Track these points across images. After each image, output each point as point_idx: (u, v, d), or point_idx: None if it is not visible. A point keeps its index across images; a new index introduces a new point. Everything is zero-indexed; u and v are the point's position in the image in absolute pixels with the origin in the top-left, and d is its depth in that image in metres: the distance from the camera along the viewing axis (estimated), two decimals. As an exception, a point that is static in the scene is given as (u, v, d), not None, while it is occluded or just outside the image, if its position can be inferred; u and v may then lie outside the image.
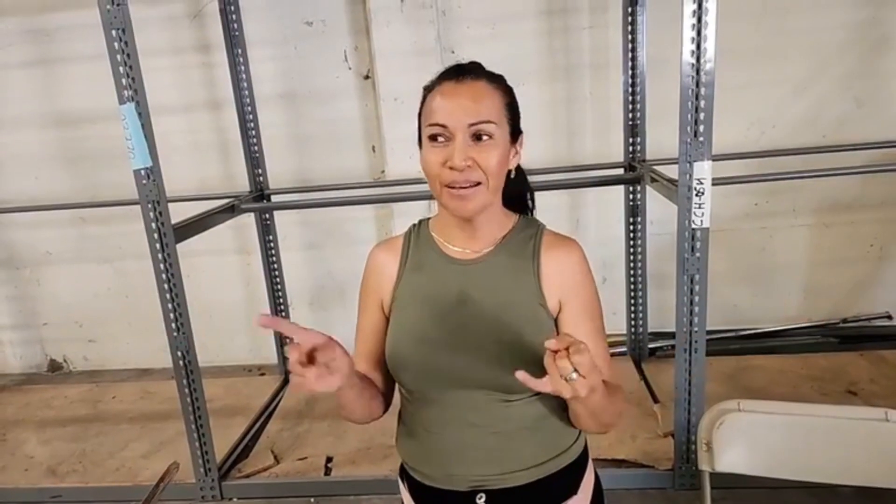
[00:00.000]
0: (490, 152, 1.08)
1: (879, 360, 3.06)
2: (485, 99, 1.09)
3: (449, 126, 1.07)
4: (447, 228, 1.21)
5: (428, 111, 1.11)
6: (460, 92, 1.08)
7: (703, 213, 2.01)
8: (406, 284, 1.20)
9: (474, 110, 1.07)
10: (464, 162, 1.06)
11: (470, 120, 1.07)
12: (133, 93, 2.10)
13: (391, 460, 2.60)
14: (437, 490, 1.18)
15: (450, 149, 1.07)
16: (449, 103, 1.08)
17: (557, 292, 1.16)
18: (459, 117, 1.07)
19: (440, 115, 1.08)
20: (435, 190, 1.13)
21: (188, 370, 2.39)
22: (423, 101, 1.14)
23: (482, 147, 1.08)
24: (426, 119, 1.11)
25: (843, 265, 3.35)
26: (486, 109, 1.08)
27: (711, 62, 1.90)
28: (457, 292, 1.16)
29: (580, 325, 1.15)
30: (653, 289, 3.23)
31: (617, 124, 3.08)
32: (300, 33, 3.26)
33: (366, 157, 3.40)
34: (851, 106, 3.12)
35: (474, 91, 1.09)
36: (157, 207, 2.21)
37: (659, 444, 2.53)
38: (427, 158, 1.10)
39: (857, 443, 1.32)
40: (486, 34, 3.15)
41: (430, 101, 1.11)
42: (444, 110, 1.08)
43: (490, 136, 1.08)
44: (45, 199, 3.50)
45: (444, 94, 1.09)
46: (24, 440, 3.06)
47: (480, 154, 1.08)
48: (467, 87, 1.09)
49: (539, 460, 1.16)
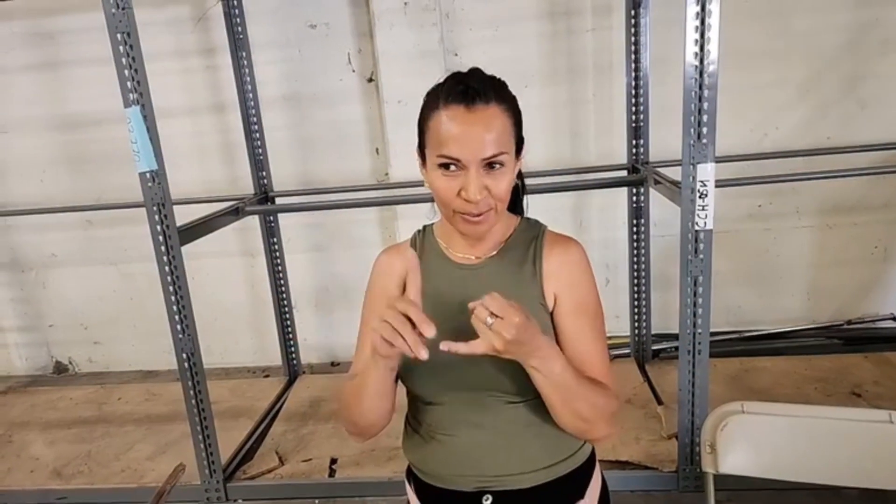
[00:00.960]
0: (502, 180, 1.08)
1: (884, 361, 3.05)
2: (496, 127, 1.06)
3: (463, 160, 1.06)
4: (451, 234, 1.21)
5: (436, 137, 1.08)
6: (472, 121, 1.05)
7: (706, 214, 2.02)
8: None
9: (488, 143, 1.05)
10: (480, 194, 1.06)
11: (485, 155, 1.05)
12: (138, 96, 2.10)
13: (396, 462, 2.60)
14: (444, 491, 1.19)
15: (462, 179, 1.07)
16: (461, 135, 1.05)
17: (554, 288, 1.16)
18: (474, 151, 1.05)
19: (453, 149, 1.05)
20: (446, 213, 1.13)
21: (193, 372, 2.39)
22: (427, 112, 1.11)
23: (494, 175, 1.07)
24: (435, 145, 1.08)
25: (847, 267, 3.34)
26: (498, 139, 1.06)
27: (715, 64, 1.91)
28: (460, 297, 1.16)
29: (574, 320, 1.15)
30: (656, 290, 3.22)
31: (620, 126, 3.08)
32: (304, 36, 3.27)
33: (369, 160, 3.41)
34: (855, 108, 3.12)
35: (486, 120, 1.05)
36: (163, 210, 2.22)
37: (663, 446, 2.53)
38: (438, 185, 1.09)
39: (861, 445, 1.32)
40: (490, 36, 3.15)
41: (438, 122, 1.07)
42: (456, 143, 1.05)
43: (502, 165, 1.08)
44: (50, 201, 3.52)
45: (455, 122, 1.05)
46: (29, 442, 3.08)
47: (493, 182, 1.07)
48: (479, 115, 1.05)
49: (545, 463, 1.16)
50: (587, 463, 1.23)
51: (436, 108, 1.08)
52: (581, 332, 1.15)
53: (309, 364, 3.67)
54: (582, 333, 1.15)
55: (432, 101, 1.10)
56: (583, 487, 1.21)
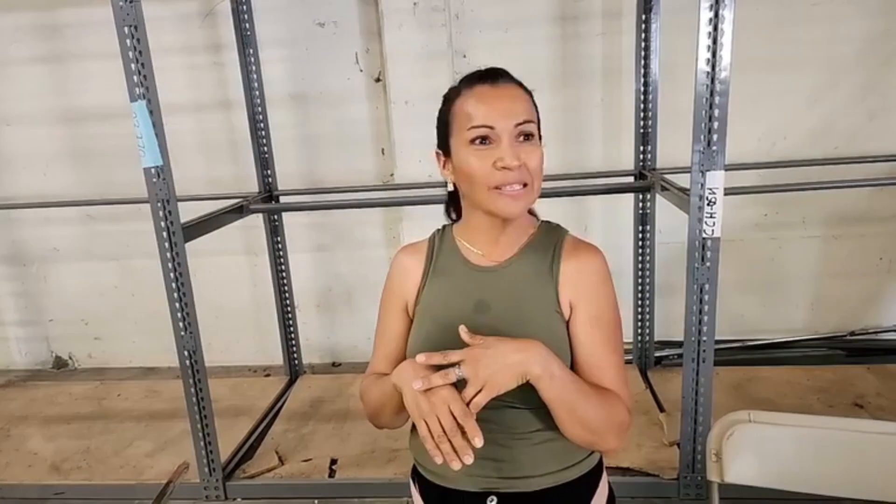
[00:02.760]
0: (534, 152, 1.10)
1: (886, 373, 3.04)
2: (522, 101, 1.11)
3: (496, 127, 1.07)
4: (472, 233, 1.21)
5: (463, 115, 1.10)
6: (499, 94, 1.09)
7: (714, 222, 2.01)
8: (429, 289, 1.21)
9: (517, 110, 1.09)
10: (516, 161, 1.07)
11: (516, 120, 1.08)
12: (144, 90, 2.09)
13: (396, 463, 2.59)
14: (449, 491, 1.18)
15: (496, 150, 1.08)
16: (490, 106, 1.08)
17: (570, 296, 1.16)
18: (505, 117, 1.08)
19: (484, 117, 1.08)
20: (478, 194, 1.12)
21: (194, 370, 2.38)
22: (448, 105, 1.14)
23: (528, 147, 1.09)
24: (464, 122, 1.10)
25: (852, 278, 3.33)
26: (526, 110, 1.10)
27: (727, 71, 1.90)
28: (475, 300, 1.16)
29: (590, 331, 1.15)
30: (659, 297, 3.21)
31: (628, 132, 3.07)
32: (312, 35, 3.26)
33: (375, 160, 3.40)
34: (864, 118, 3.10)
35: (511, 93, 1.11)
36: (167, 206, 2.21)
37: (664, 454, 2.51)
38: (471, 162, 1.09)
39: (867, 456, 1.31)
40: (499, 39, 3.14)
41: (463, 104, 1.11)
42: (487, 112, 1.08)
43: (533, 136, 1.10)
44: (53, 195, 3.51)
45: (482, 96, 1.09)
46: (28, 436, 3.06)
47: (526, 155, 1.09)
48: (504, 89, 1.10)
49: (553, 468, 1.16)
50: (594, 470, 1.22)
51: (458, 94, 1.12)
52: (596, 344, 1.14)
53: (310, 364, 3.66)
54: (597, 345, 1.14)
55: (453, 93, 1.13)
56: (589, 495, 1.21)
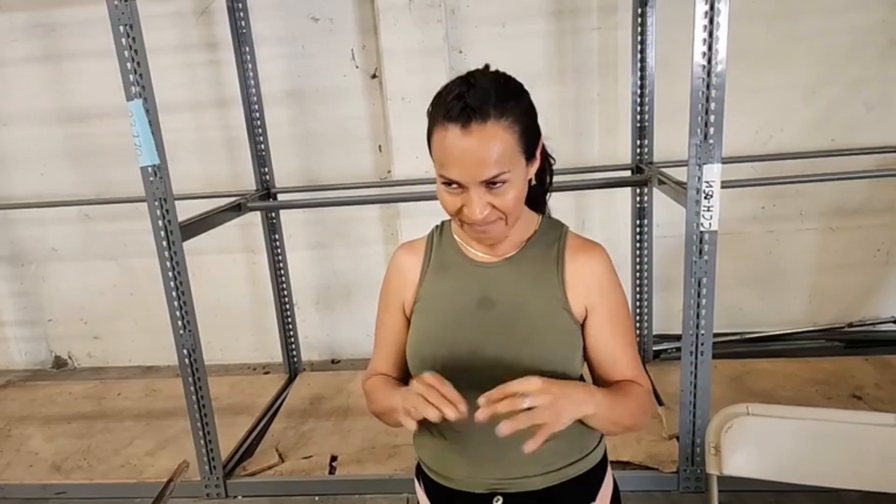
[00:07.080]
0: (506, 194, 1.05)
1: (885, 365, 3.05)
2: (495, 147, 1.01)
3: (461, 182, 1.03)
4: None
5: (438, 154, 1.05)
6: (469, 145, 1.00)
7: (711, 216, 2.01)
8: (428, 286, 1.21)
9: (486, 165, 1.01)
10: (481, 214, 1.04)
11: (482, 177, 1.02)
12: (140, 89, 2.09)
13: (396, 460, 2.60)
14: (455, 491, 1.18)
15: (464, 195, 1.05)
16: (459, 158, 1.01)
17: (584, 298, 1.16)
18: (471, 173, 1.02)
19: (451, 170, 1.03)
20: (455, 221, 1.14)
21: (194, 368, 2.39)
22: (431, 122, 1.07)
23: (497, 192, 1.04)
24: (437, 163, 1.06)
25: (850, 269, 3.34)
26: (498, 160, 1.01)
27: (723, 64, 1.90)
28: (478, 296, 1.16)
29: (607, 331, 1.16)
30: (657, 291, 3.22)
31: (625, 126, 3.07)
32: (308, 32, 3.26)
33: (372, 157, 3.40)
34: (860, 110, 3.11)
35: (482, 140, 1.00)
36: (164, 205, 2.21)
37: (663, 447, 2.52)
38: (443, 198, 1.09)
39: (865, 448, 1.31)
40: (495, 34, 3.14)
41: (439, 139, 1.04)
42: (454, 165, 1.02)
43: (504, 182, 1.04)
44: (51, 195, 3.50)
45: (452, 146, 1.01)
46: (28, 436, 3.07)
47: (497, 198, 1.05)
48: (476, 136, 1.00)
49: (558, 465, 1.16)
50: (599, 465, 1.22)
51: (436, 122, 1.05)
52: (616, 342, 1.16)
53: (309, 361, 3.66)
54: (617, 343, 1.16)
55: (437, 111, 1.05)
56: (595, 490, 1.21)
